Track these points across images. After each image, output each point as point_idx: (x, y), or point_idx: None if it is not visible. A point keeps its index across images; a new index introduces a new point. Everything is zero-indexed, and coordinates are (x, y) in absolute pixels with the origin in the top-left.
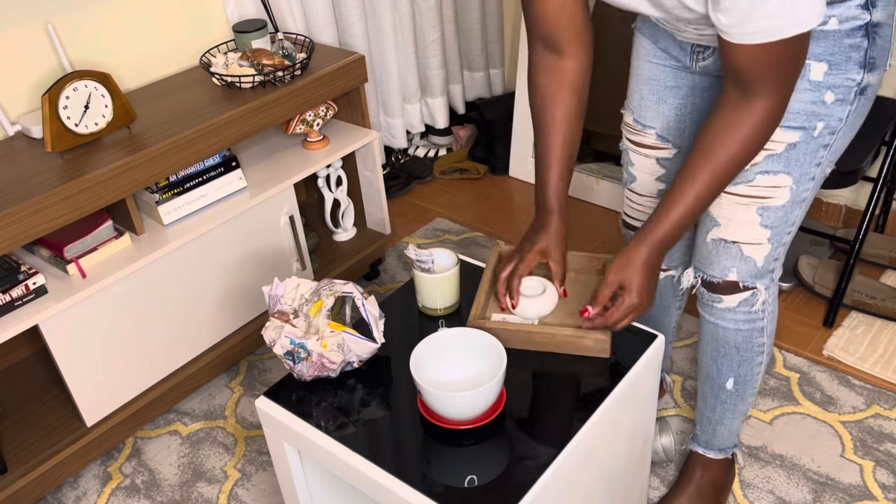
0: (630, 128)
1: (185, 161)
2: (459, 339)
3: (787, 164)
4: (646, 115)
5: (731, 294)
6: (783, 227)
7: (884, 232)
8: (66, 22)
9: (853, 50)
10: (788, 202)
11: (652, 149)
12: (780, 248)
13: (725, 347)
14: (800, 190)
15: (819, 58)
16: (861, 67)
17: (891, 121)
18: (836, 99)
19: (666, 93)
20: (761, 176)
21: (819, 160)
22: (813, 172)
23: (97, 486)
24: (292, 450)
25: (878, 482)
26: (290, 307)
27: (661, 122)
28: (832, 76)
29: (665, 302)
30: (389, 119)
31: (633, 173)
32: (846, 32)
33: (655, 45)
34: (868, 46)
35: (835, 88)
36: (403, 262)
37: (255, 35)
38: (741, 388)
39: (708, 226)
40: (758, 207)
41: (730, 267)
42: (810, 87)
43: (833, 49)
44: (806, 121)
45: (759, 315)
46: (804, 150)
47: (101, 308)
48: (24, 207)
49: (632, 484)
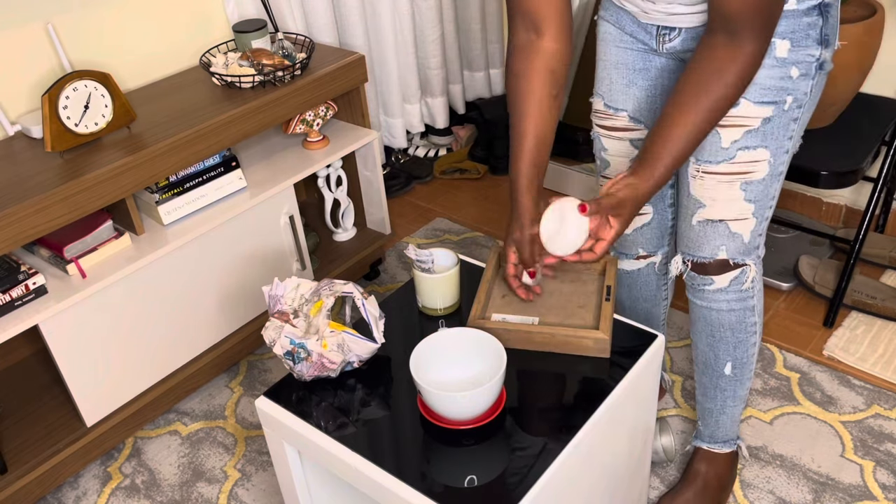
0: (601, 114)
1: (184, 161)
2: (459, 339)
3: (765, 138)
4: (616, 99)
5: (721, 273)
6: (765, 200)
7: (884, 232)
8: (66, 22)
9: (811, 28)
10: (768, 175)
11: (625, 131)
12: (764, 222)
13: (721, 331)
14: (777, 163)
15: (782, 35)
16: (818, 44)
17: (891, 121)
18: (800, 74)
19: (635, 75)
20: (741, 152)
21: (791, 133)
22: (787, 146)
23: (97, 486)
24: (292, 450)
25: (879, 482)
26: (290, 307)
27: (632, 104)
28: (795, 52)
29: (649, 294)
30: (389, 119)
31: (607, 159)
32: (804, 11)
33: (621, 30)
34: (822, 24)
35: (798, 64)
36: (403, 262)
37: (255, 35)
38: (739, 371)
39: (692, 209)
40: (741, 183)
41: (719, 245)
42: (777, 64)
43: (794, 27)
44: (777, 95)
45: (750, 293)
46: (777, 123)
47: (101, 308)
48: (24, 207)
49: (632, 484)
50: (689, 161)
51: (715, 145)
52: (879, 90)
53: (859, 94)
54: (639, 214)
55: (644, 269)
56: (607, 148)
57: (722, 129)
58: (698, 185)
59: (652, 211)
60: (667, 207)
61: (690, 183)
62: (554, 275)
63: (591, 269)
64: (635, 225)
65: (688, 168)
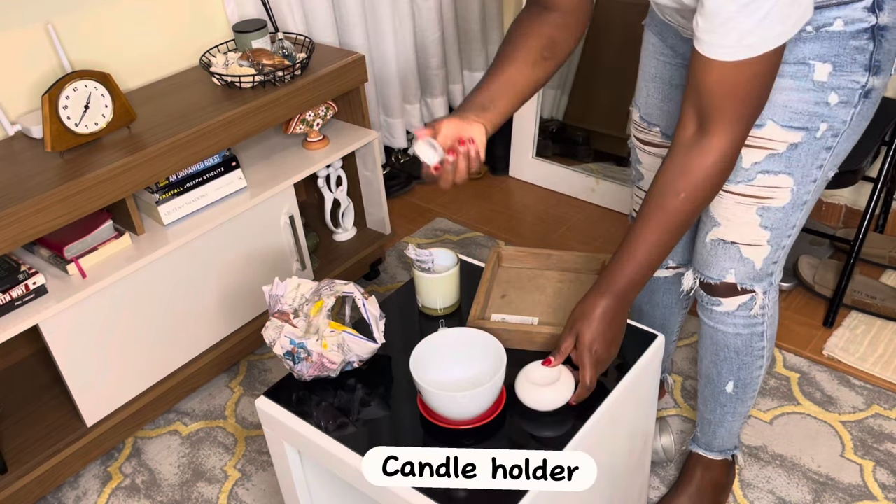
0: (637, 125)
1: (185, 161)
2: (459, 339)
3: (789, 165)
4: (652, 113)
5: (729, 297)
6: (783, 229)
7: (884, 232)
8: (66, 22)
9: (858, 52)
10: (789, 204)
11: (658, 147)
12: (780, 251)
13: (725, 351)
14: (801, 192)
15: (823, 58)
16: (866, 70)
17: (891, 121)
18: (840, 101)
19: (672, 91)
20: (762, 175)
21: (821, 162)
22: (815, 175)
23: (97, 486)
24: (292, 450)
25: (878, 482)
26: (291, 307)
27: (665, 121)
28: (836, 77)
29: (669, 302)
30: (389, 119)
31: (641, 171)
32: (852, 34)
33: (663, 42)
34: (874, 49)
35: (839, 90)
36: (403, 262)
37: (255, 35)
38: (741, 391)
39: (708, 226)
40: (758, 208)
41: (728, 268)
42: (814, 88)
43: (838, 50)
44: (809, 121)
45: (759, 319)
46: (806, 150)
47: (101, 308)
48: (24, 207)
49: (632, 484)
50: None
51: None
52: None
53: None
54: None
55: (671, 278)
56: (642, 161)
57: (745, 149)
58: (715, 202)
59: None
60: None
61: None
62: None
63: (591, 270)
64: None
65: None
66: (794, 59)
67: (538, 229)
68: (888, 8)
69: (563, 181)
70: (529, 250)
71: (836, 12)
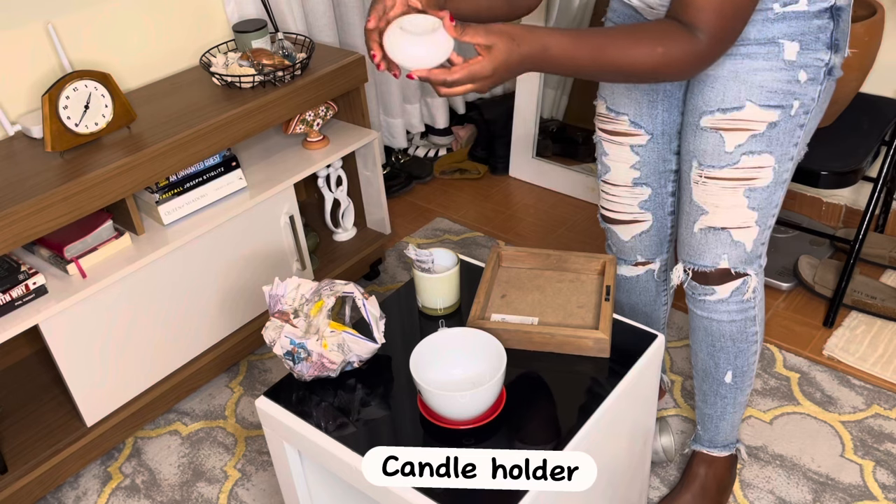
0: (603, 117)
1: (185, 161)
2: (459, 339)
3: (769, 144)
4: (618, 102)
5: (723, 283)
6: (768, 208)
7: (884, 232)
8: (66, 22)
9: (821, 31)
10: (772, 182)
11: (625, 136)
12: (766, 231)
13: (721, 341)
14: (781, 170)
15: (791, 37)
16: (828, 48)
17: (891, 121)
18: (809, 78)
19: None
20: (746, 157)
21: (796, 140)
22: (791, 153)
23: (97, 486)
24: (292, 450)
25: (878, 482)
26: (291, 307)
27: (633, 108)
28: (804, 55)
29: (648, 299)
30: (389, 119)
31: (608, 164)
32: (814, 14)
33: None
34: (833, 28)
35: (807, 68)
36: (403, 262)
37: (255, 35)
38: (739, 379)
39: (694, 216)
40: (745, 189)
41: (721, 254)
42: (785, 67)
43: (803, 29)
44: (783, 99)
45: (751, 303)
46: (783, 128)
47: (102, 308)
48: (24, 207)
49: (632, 484)
50: (692, 166)
51: (719, 149)
52: (879, 90)
53: (859, 94)
54: (637, 222)
55: (643, 275)
56: (608, 153)
57: (726, 132)
58: (701, 190)
59: (651, 218)
60: (666, 215)
61: (693, 189)
62: None
63: (591, 270)
64: (634, 232)
65: (690, 173)
66: (765, 39)
67: (538, 229)
68: None
69: (563, 181)
70: (529, 250)
71: None
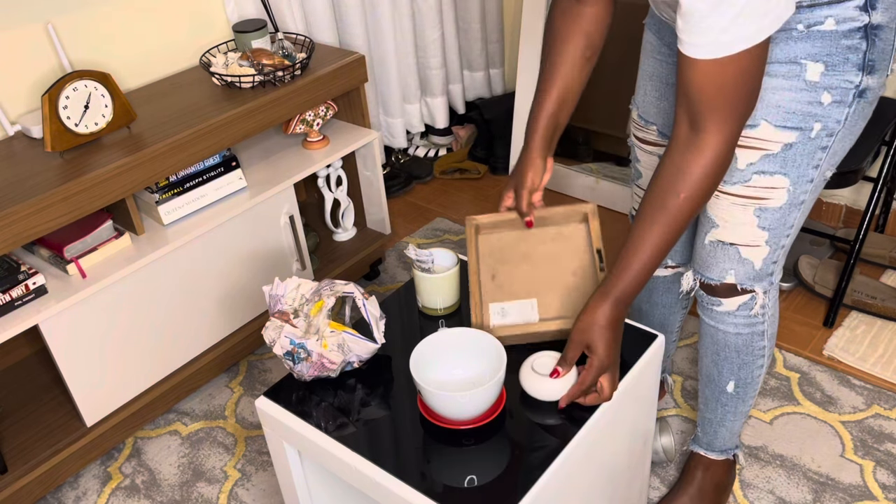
0: (635, 124)
1: (185, 161)
2: (459, 339)
3: (784, 165)
4: (649, 111)
5: (729, 297)
6: (781, 229)
7: (884, 232)
8: (66, 22)
9: (851, 52)
10: (786, 204)
11: (654, 145)
12: (779, 251)
13: (726, 351)
14: (797, 192)
15: (815, 58)
16: (859, 70)
17: (891, 121)
18: (834, 100)
19: (668, 89)
20: (757, 176)
21: (817, 162)
22: (811, 175)
23: (97, 486)
24: (292, 450)
25: (879, 482)
26: (291, 307)
27: (662, 119)
28: (829, 77)
29: (668, 302)
30: (389, 119)
31: (640, 169)
32: (843, 34)
33: (660, 40)
34: (867, 49)
35: (832, 90)
36: (403, 262)
37: (255, 35)
38: (742, 390)
39: (706, 227)
40: (755, 208)
41: (727, 269)
42: (806, 88)
43: (830, 49)
44: (802, 121)
45: (759, 319)
46: (801, 150)
47: (101, 308)
48: (24, 207)
49: (632, 484)
50: None
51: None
52: None
53: None
54: None
55: (670, 277)
56: (640, 159)
57: (739, 149)
58: (713, 203)
59: None
60: None
61: None
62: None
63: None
64: None
65: None
66: (786, 59)
67: None
68: (881, 7)
69: (563, 181)
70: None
71: (826, 11)
